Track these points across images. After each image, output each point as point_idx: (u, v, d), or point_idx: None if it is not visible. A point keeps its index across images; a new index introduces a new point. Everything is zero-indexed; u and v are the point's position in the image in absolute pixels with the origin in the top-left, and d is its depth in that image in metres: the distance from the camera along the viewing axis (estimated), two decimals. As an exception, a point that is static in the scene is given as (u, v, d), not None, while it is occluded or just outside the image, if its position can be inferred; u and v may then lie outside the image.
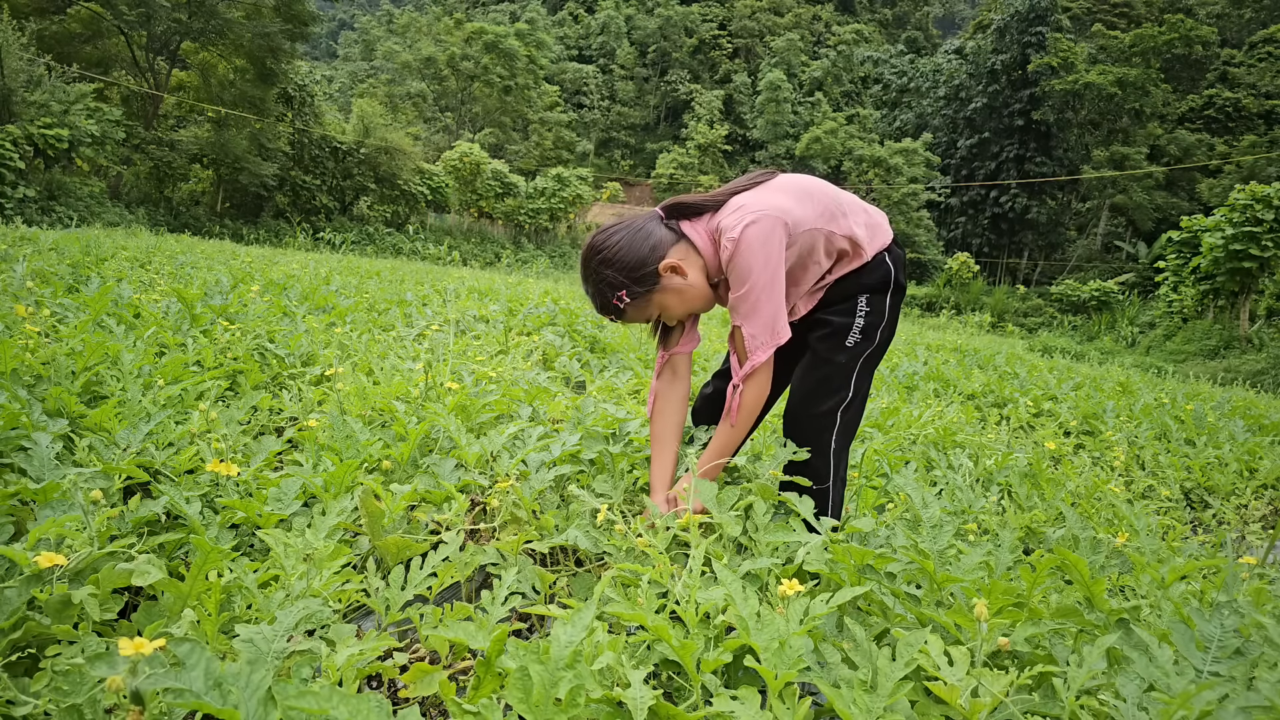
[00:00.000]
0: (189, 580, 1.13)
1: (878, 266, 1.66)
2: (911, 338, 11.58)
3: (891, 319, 1.70)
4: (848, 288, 1.66)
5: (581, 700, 0.86)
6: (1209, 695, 0.86)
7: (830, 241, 1.59)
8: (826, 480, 1.66)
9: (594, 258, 1.57)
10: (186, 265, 6.40)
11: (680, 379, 1.73)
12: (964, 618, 1.11)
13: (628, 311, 1.59)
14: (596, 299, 1.59)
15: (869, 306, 1.65)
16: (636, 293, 1.55)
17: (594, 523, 1.59)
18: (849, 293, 1.66)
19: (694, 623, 1.09)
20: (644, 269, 1.54)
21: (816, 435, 1.65)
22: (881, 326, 1.68)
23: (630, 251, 1.54)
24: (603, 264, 1.55)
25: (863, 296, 1.65)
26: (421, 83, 38.16)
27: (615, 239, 1.56)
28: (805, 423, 1.65)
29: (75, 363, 2.22)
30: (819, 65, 51.93)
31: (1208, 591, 1.62)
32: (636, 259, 1.54)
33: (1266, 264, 16.69)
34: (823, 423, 1.66)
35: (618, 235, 1.57)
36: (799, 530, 1.43)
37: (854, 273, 1.65)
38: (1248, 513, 3.49)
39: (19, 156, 14.61)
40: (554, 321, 5.76)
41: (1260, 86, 35.28)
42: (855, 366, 1.66)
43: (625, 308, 1.57)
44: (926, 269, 36.62)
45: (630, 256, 1.54)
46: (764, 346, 1.53)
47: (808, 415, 1.64)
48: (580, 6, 61.06)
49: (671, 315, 1.64)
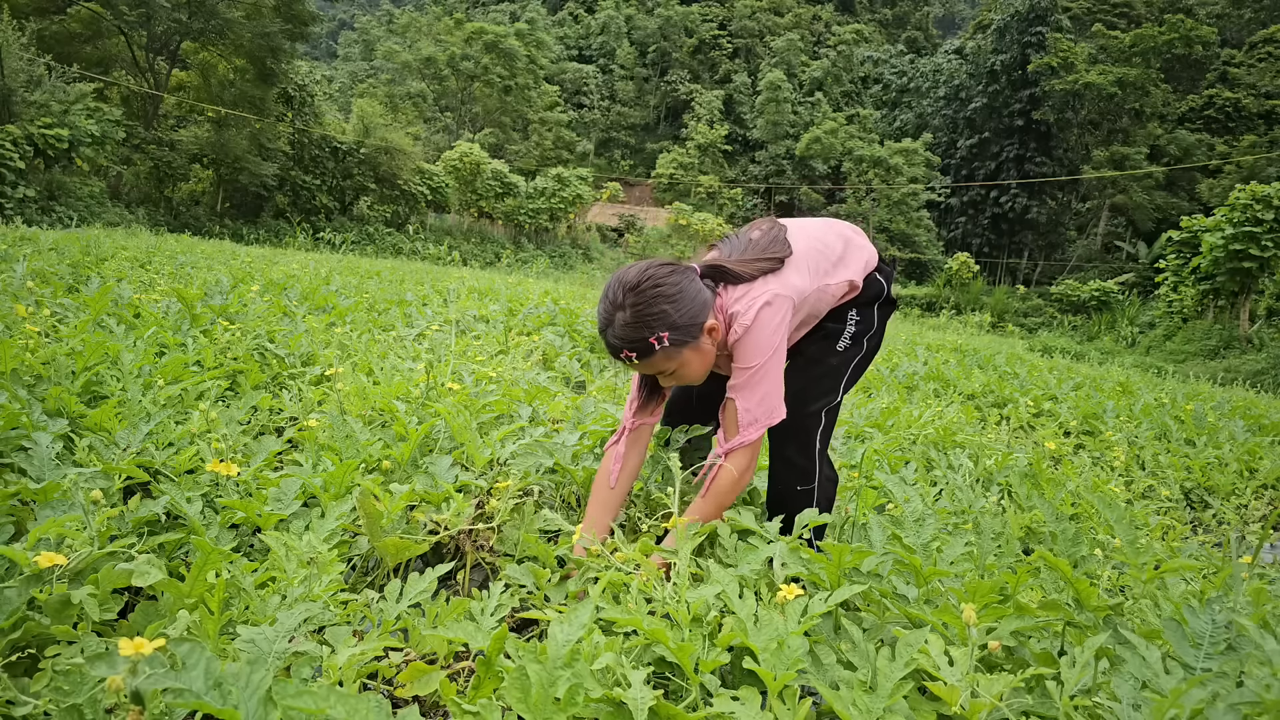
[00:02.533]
0: (189, 581, 1.13)
1: (869, 286, 1.72)
2: (911, 338, 11.58)
3: (880, 328, 1.76)
4: (839, 306, 1.73)
5: (580, 699, 0.86)
6: (1199, 693, 0.86)
7: (831, 291, 1.65)
8: (813, 480, 1.69)
9: (650, 289, 1.45)
10: (186, 265, 6.41)
11: (641, 448, 1.70)
12: (953, 617, 1.12)
13: (654, 357, 1.48)
14: (628, 331, 1.45)
15: (859, 316, 1.72)
16: (677, 340, 1.47)
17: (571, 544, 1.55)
18: (840, 309, 1.73)
19: (686, 622, 1.09)
20: (695, 320, 1.48)
21: (805, 433, 1.68)
22: (870, 334, 1.74)
23: (688, 297, 1.47)
24: (659, 298, 1.45)
25: (852, 309, 1.72)
26: (421, 83, 38.15)
27: (675, 279, 1.48)
28: (794, 421, 1.66)
29: (75, 363, 2.23)
30: (819, 65, 51.91)
31: (1207, 591, 1.63)
32: (691, 307, 1.47)
33: (1266, 264, 16.69)
34: (810, 422, 1.68)
35: (677, 278, 1.49)
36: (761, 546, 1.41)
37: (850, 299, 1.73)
38: (1248, 513, 3.50)
39: (19, 156, 14.62)
40: (554, 321, 5.77)
41: (1260, 86, 35.26)
42: (845, 370, 1.72)
43: (656, 353, 1.47)
44: (926, 269, 36.62)
45: (687, 302, 1.47)
46: (756, 425, 1.51)
47: (797, 414, 1.65)
48: (580, 6, 61.03)
49: (681, 376, 1.57)
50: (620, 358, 1.49)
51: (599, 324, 1.51)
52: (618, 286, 1.47)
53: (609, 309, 1.47)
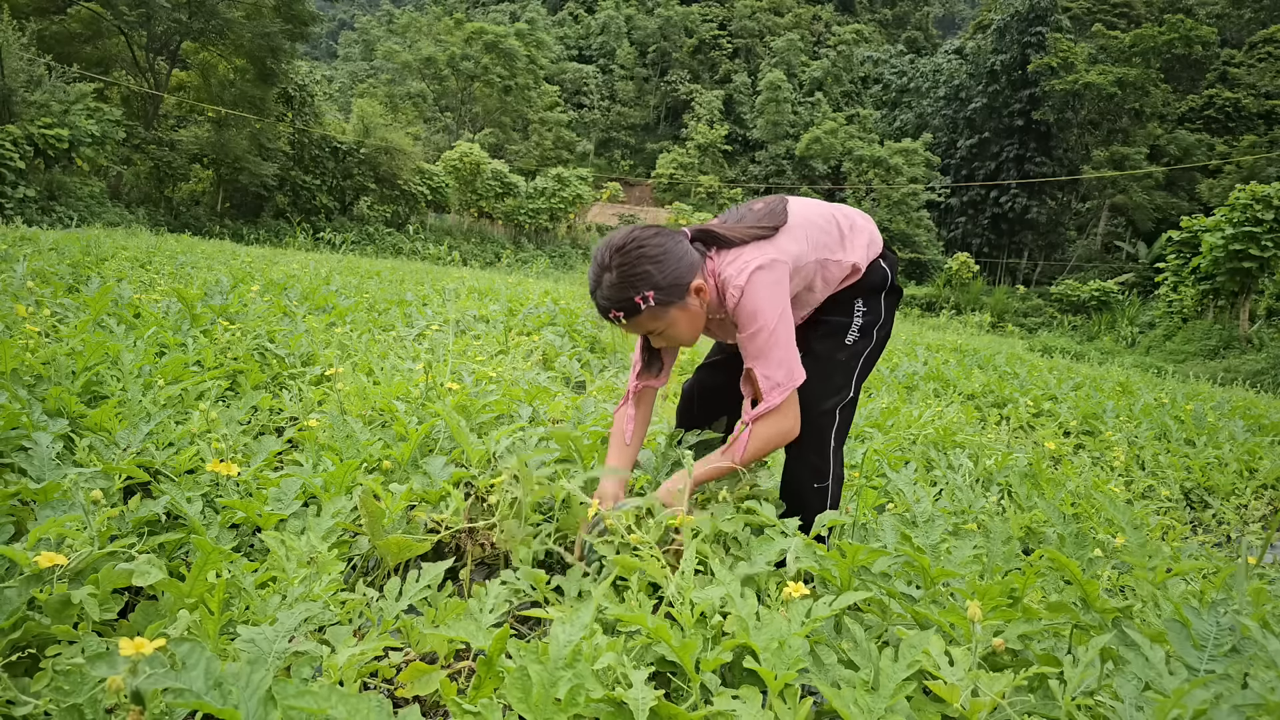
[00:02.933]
0: (189, 581, 1.13)
1: (873, 273, 1.70)
2: (911, 338, 11.58)
3: (888, 318, 1.74)
4: (843, 294, 1.71)
5: (581, 700, 0.86)
6: (1202, 694, 0.86)
7: (829, 269, 1.64)
8: (827, 479, 1.68)
9: (633, 250, 1.50)
10: (186, 265, 6.41)
11: (647, 409, 1.78)
12: (959, 617, 1.12)
13: (640, 316, 1.52)
14: (614, 292, 1.49)
15: (865, 306, 1.71)
16: (662, 300, 1.50)
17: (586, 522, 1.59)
18: (845, 298, 1.71)
19: (690, 623, 1.09)
20: (680, 280, 1.51)
21: (819, 432, 1.67)
22: (878, 325, 1.72)
23: (673, 258, 1.50)
24: (642, 258, 1.49)
25: (858, 299, 1.71)
26: (421, 83, 38.15)
27: (659, 240, 1.52)
28: (808, 419, 1.65)
29: (75, 363, 2.22)
30: (819, 65, 51.92)
31: (1208, 592, 1.63)
32: (677, 268, 1.50)
33: (1266, 264, 16.68)
34: (825, 420, 1.68)
35: (661, 239, 1.53)
36: (777, 539, 1.42)
37: (851, 285, 1.70)
38: (1247, 513, 3.49)
39: (19, 156, 14.62)
40: (554, 321, 5.76)
41: (1260, 86, 35.26)
42: (856, 365, 1.70)
43: (642, 312, 1.50)
44: (926, 269, 36.61)
45: (672, 263, 1.50)
46: (780, 389, 1.53)
47: (808, 415, 1.65)
48: (580, 6, 61.03)
49: (671, 337, 1.59)
50: (609, 318, 1.53)
51: (589, 286, 1.56)
52: (605, 249, 1.53)
53: (597, 271, 1.52)
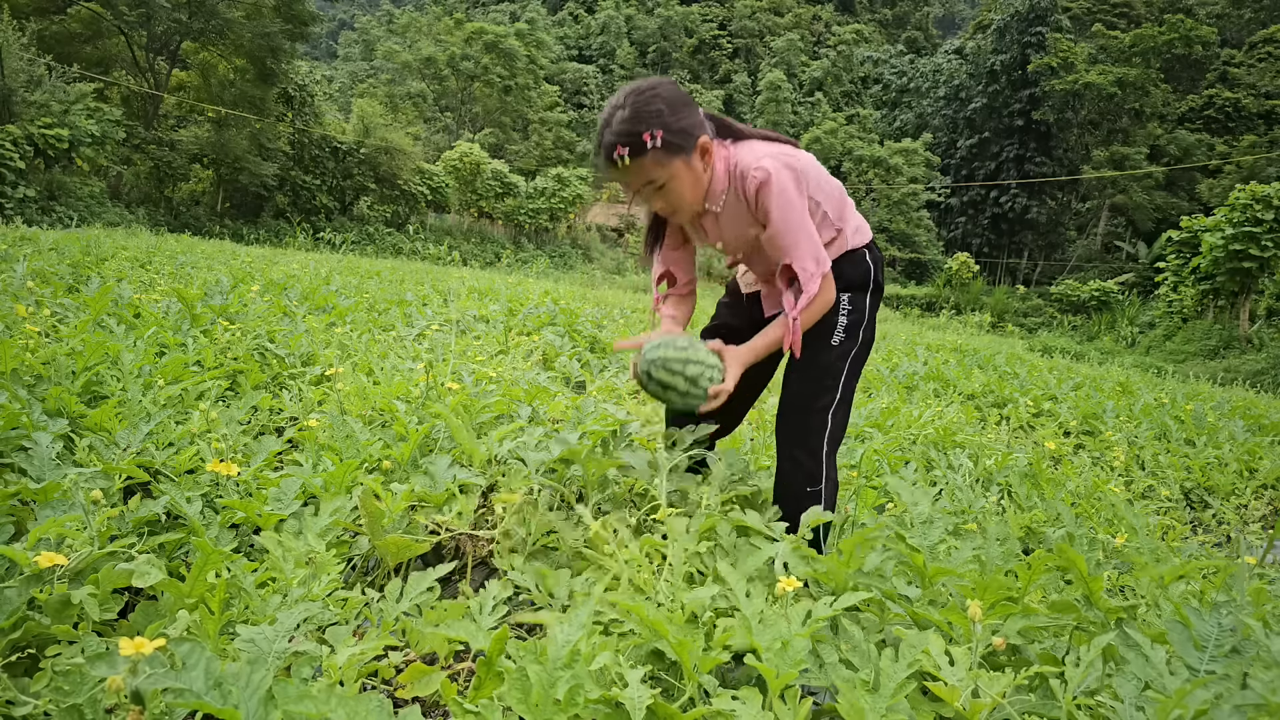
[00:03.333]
0: (189, 581, 1.13)
1: (859, 262, 1.67)
2: (911, 338, 11.57)
3: (871, 319, 1.70)
4: None
5: (580, 700, 0.86)
6: (1203, 694, 0.86)
7: (820, 220, 1.61)
8: (819, 483, 1.65)
9: (649, 92, 1.48)
10: (187, 265, 6.41)
11: (686, 306, 1.83)
12: (959, 617, 1.12)
13: (645, 159, 1.47)
14: (623, 126, 1.45)
15: (850, 305, 1.66)
16: (669, 145, 1.46)
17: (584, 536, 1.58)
18: None
19: (680, 621, 1.09)
20: (690, 130, 1.49)
21: (807, 436, 1.65)
22: (864, 326, 1.68)
23: (689, 110, 1.51)
24: (657, 98, 1.47)
25: (844, 295, 1.66)
26: (421, 83, 38.14)
27: (679, 93, 1.52)
28: (796, 424, 1.65)
29: (75, 363, 2.22)
30: (819, 65, 51.94)
31: (1208, 592, 1.63)
32: (690, 118, 1.50)
33: (1266, 264, 16.69)
34: (816, 421, 1.65)
35: (681, 93, 1.52)
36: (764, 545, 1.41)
37: (836, 261, 1.65)
38: (1248, 513, 3.49)
39: (19, 156, 14.62)
40: (554, 321, 5.77)
41: (1260, 86, 35.26)
42: (844, 367, 1.66)
43: (647, 154, 1.46)
44: (926, 269, 36.61)
45: (686, 112, 1.50)
46: (814, 277, 1.53)
47: (799, 417, 1.64)
48: (580, 6, 61.04)
49: (671, 197, 1.56)
50: (613, 158, 1.47)
51: (599, 127, 1.52)
52: (622, 92, 1.51)
53: (610, 109, 1.49)
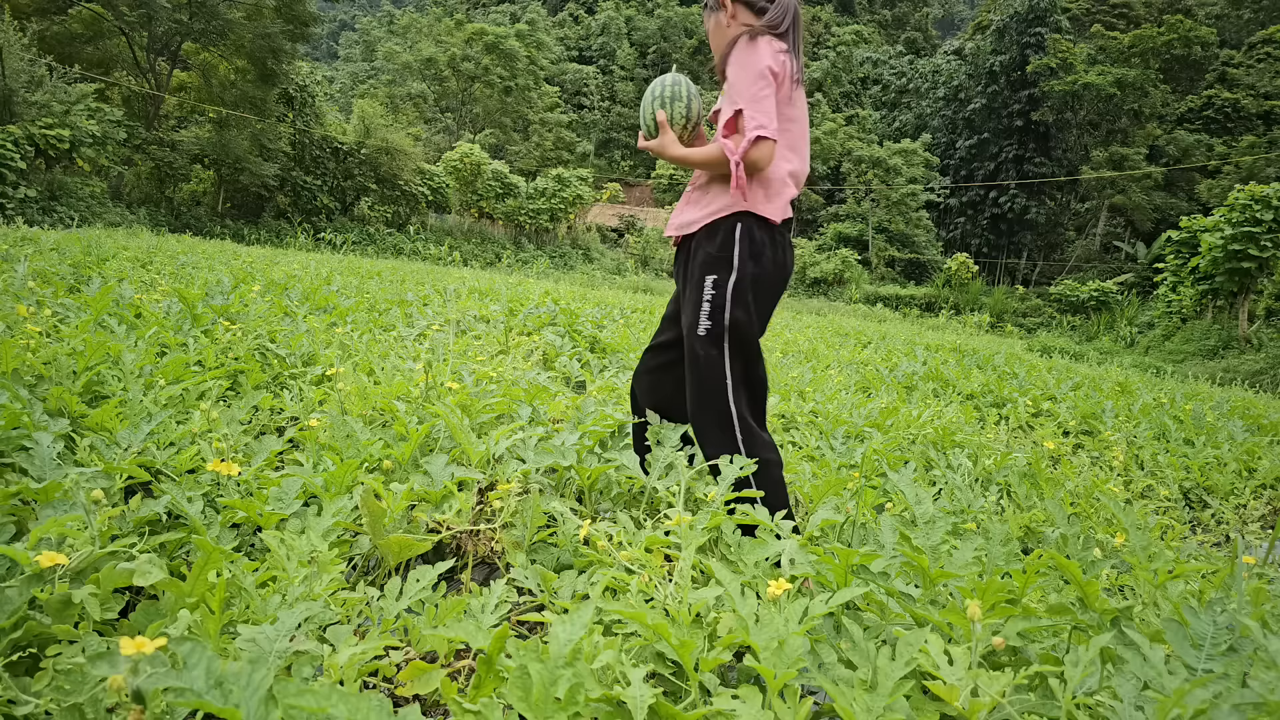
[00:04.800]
0: (190, 580, 1.13)
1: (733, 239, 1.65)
2: (910, 338, 11.58)
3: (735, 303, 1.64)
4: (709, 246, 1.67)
5: (581, 699, 0.86)
6: (1202, 694, 0.86)
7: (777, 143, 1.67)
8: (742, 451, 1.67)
9: None
10: (188, 265, 6.41)
11: None
12: (958, 617, 1.12)
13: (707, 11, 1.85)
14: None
15: (714, 290, 1.65)
16: (707, 4, 1.83)
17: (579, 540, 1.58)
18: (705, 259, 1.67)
19: (687, 622, 1.09)
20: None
21: (720, 431, 1.67)
22: (727, 309, 1.65)
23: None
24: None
25: (709, 277, 1.66)
26: (422, 83, 38.15)
27: None
28: (702, 421, 1.68)
29: (77, 362, 2.23)
30: (818, 66, 51.92)
31: (1207, 591, 1.63)
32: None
33: (1265, 264, 16.68)
34: (718, 418, 1.67)
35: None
36: (770, 542, 1.42)
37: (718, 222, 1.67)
38: (1246, 512, 3.49)
39: (20, 157, 14.62)
40: (554, 322, 5.77)
41: (1259, 87, 35.23)
42: (723, 353, 1.66)
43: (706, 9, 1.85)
44: (925, 269, 36.60)
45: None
46: (763, 129, 1.56)
47: (701, 416, 1.68)
48: (580, 7, 61.06)
49: (713, 45, 1.85)
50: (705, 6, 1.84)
51: None
52: None
53: None
